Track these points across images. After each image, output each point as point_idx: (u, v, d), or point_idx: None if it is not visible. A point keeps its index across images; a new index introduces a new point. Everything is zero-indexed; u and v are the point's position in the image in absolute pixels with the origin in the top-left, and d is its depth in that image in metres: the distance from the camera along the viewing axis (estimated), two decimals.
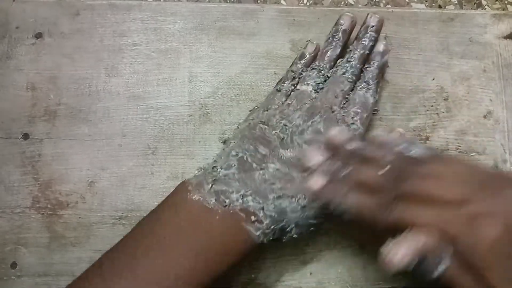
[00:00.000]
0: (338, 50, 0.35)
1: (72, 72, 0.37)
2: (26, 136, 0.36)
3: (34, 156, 0.36)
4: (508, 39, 0.39)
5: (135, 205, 0.36)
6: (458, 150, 0.37)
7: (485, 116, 0.37)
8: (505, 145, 0.37)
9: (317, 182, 0.30)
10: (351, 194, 0.28)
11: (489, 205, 0.24)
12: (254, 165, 0.31)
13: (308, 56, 0.35)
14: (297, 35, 0.38)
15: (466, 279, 0.24)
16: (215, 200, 0.29)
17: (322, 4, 0.50)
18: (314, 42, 0.36)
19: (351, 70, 0.34)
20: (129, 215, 0.35)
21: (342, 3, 0.50)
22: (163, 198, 0.35)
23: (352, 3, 0.50)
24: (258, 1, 0.48)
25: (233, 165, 0.31)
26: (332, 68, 0.35)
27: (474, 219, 0.23)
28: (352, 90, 0.34)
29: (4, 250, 0.35)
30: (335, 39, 0.35)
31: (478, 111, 0.38)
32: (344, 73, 0.34)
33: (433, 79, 0.38)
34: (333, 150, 0.31)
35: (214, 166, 0.31)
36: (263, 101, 0.36)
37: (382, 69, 0.35)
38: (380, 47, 0.35)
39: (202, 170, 0.32)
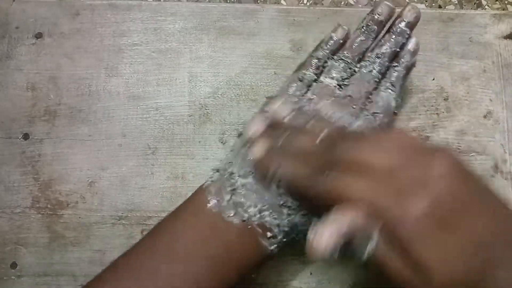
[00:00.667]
0: (370, 43, 0.33)
1: (72, 72, 0.37)
2: (26, 136, 0.36)
3: (34, 156, 0.36)
4: (508, 39, 0.39)
5: (135, 205, 0.36)
6: (458, 150, 0.37)
7: (485, 116, 0.37)
8: (505, 145, 0.37)
9: (256, 151, 0.29)
10: (287, 162, 0.27)
11: (419, 175, 0.22)
12: None
13: (336, 41, 0.33)
14: (297, 35, 0.38)
15: (393, 256, 0.23)
16: (234, 213, 0.29)
17: (322, 4, 0.50)
18: (345, 27, 0.33)
19: (378, 68, 0.32)
20: (129, 215, 0.35)
21: (342, 3, 0.50)
22: (163, 198, 0.36)
23: (352, 3, 0.50)
24: (258, 1, 0.48)
25: (250, 173, 0.30)
26: (360, 61, 0.33)
27: (402, 190, 0.22)
28: (376, 88, 0.32)
29: (4, 250, 0.35)
30: (368, 30, 0.33)
31: (478, 111, 0.38)
32: (371, 71, 0.32)
33: (433, 79, 0.38)
34: (276, 123, 0.30)
35: (232, 172, 0.30)
36: (281, 88, 0.33)
37: (410, 70, 0.33)
38: (411, 45, 0.33)
39: (218, 173, 0.31)
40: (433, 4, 0.49)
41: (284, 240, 0.30)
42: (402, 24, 0.32)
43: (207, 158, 0.36)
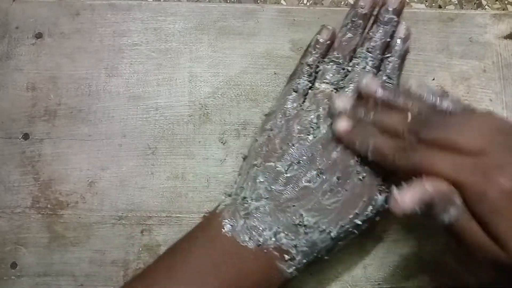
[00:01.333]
0: (358, 38, 0.32)
1: (72, 72, 0.37)
2: (26, 136, 0.36)
3: (34, 156, 0.36)
4: (508, 39, 0.39)
5: (135, 205, 0.36)
6: None
7: None
8: None
9: (343, 124, 0.29)
10: (376, 137, 0.28)
11: (503, 159, 0.24)
12: None
13: (323, 43, 0.32)
14: (297, 35, 0.38)
15: (474, 227, 0.24)
16: (249, 238, 0.28)
17: (322, 4, 0.50)
18: (329, 27, 0.33)
19: (371, 62, 0.32)
20: (129, 215, 0.35)
21: (342, 3, 0.50)
22: (163, 198, 0.36)
23: (352, 3, 0.50)
24: (258, 1, 0.48)
25: (263, 195, 0.29)
26: (352, 59, 0.32)
27: (488, 169, 0.24)
28: None
29: (4, 250, 0.35)
30: (354, 25, 0.32)
31: None
32: (364, 68, 0.32)
33: (433, 79, 0.38)
34: (364, 98, 0.30)
35: (244, 197, 0.30)
36: (278, 101, 0.33)
37: (404, 57, 0.33)
38: (401, 32, 0.32)
39: (230, 197, 0.31)
40: (433, 4, 0.49)
41: (304, 261, 0.29)
42: (388, 12, 0.32)
43: (207, 158, 0.36)
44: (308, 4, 0.50)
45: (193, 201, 0.36)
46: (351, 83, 0.31)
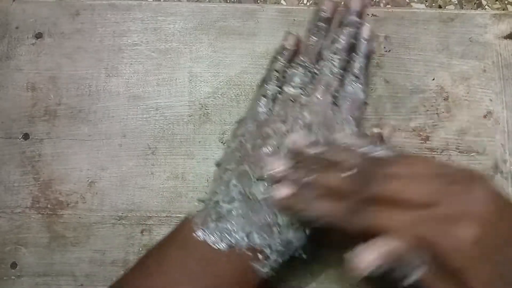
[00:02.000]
0: (323, 41, 0.33)
1: (72, 72, 0.37)
2: (26, 136, 0.36)
3: (34, 156, 0.36)
4: (508, 39, 0.39)
5: (135, 205, 0.36)
6: (458, 150, 0.37)
7: (485, 116, 0.37)
8: (505, 145, 0.37)
9: (281, 191, 0.27)
10: (318, 202, 0.26)
11: (460, 204, 0.23)
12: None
13: (289, 50, 0.33)
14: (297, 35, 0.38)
15: (445, 285, 0.23)
16: (221, 240, 0.28)
17: None
18: (294, 33, 0.34)
19: (338, 64, 0.32)
20: (129, 215, 0.35)
21: (342, 3, 0.50)
22: (163, 198, 0.36)
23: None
24: (258, 1, 0.48)
25: (236, 198, 0.29)
26: (318, 61, 0.33)
27: (448, 221, 0.22)
28: (341, 85, 0.32)
29: (4, 250, 0.35)
30: (319, 28, 0.33)
31: (478, 111, 0.37)
32: (331, 69, 0.32)
33: (433, 79, 0.38)
34: (296, 156, 0.29)
35: (217, 201, 0.30)
36: (249, 108, 0.34)
37: (370, 57, 0.33)
38: (364, 33, 0.33)
39: (203, 203, 0.31)
40: (433, 4, 0.49)
41: (280, 260, 0.29)
42: (351, 14, 0.32)
43: (207, 158, 0.36)
44: (308, 4, 0.50)
45: (193, 201, 0.36)
46: (316, 90, 0.32)
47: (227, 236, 0.28)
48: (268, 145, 0.30)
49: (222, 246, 0.28)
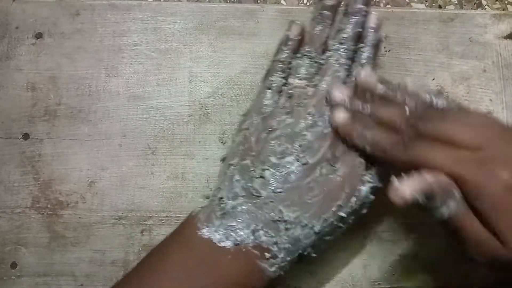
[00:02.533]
0: (327, 30, 0.32)
1: (72, 72, 0.37)
2: (26, 136, 0.36)
3: (34, 156, 0.36)
4: (508, 39, 0.39)
5: (135, 205, 0.36)
6: None
7: None
8: None
9: (340, 116, 0.29)
10: (375, 130, 0.28)
11: (503, 153, 0.24)
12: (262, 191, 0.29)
13: (294, 39, 0.32)
14: None
15: (474, 222, 0.24)
16: (226, 238, 0.27)
17: None
18: (298, 23, 0.33)
19: (345, 54, 0.31)
20: (129, 215, 0.35)
21: (342, 3, 0.50)
22: (163, 198, 0.36)
23: None
24: (258, 1, 0.48)
25: (239, 194, 0.29)
26: (324, 51, 0.32)
27: (487, 164, 0.24)
28: (348, 75, 0.32)
29: (4, 250, 0.35)
30: (323, 17, 0.32)
31: None
32: (337, 60, 0.31)
33: (433, 79, 0.38)
34: (361, 91, 0.30)
35: (221, 197, 0.29)
36: (253, 102, 0.33)
37: (377, 47, 0.33)
38: (371, 22, 0.32)
39: (208, 199, 0.30)
40: (433, 4, 0.49)
41: (288, 258, 0.28)
42: (357, 3, 0.32)
43: (207, 158, 0.36)
44: (308, 4, 0.50)
45: (193, 201, 0.36)
46: (323, 81, 0.31)
47: (232, 233, 0.28)
48: (272, 139, 0.30)
49: (228, 244, 0.27)
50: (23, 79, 0.37)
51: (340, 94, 0.30)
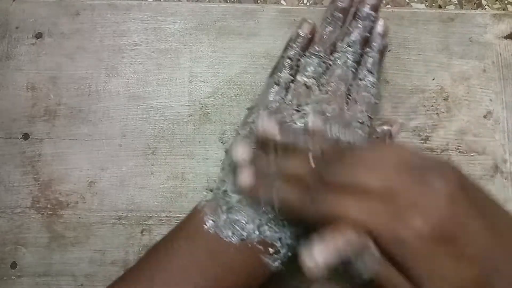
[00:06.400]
0: (338, 32, 0.32)
1: (72, 72, 0.37)
2: (26, 136, 0.36)
3: (34, 156, 0.36)
4: (508, 39, 0.39)
5: (135, 205, 0.36)
6: (458, 150, 0.37)
7: (485, 116, 0.37)
8: (505, 145, 0.37)
9: (244, 178, 0.27)
10: (280, 187, 0.26)
11: (415, 196, 0.22)
12: None
13: (304, 37, 0.32)
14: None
15: (396, 277, 0.23)
16: (232, 233, 0.28)
17: (322, 4, 0.50)
18: (310, 21, 0.33)
19: (352, 57, 0.32)
20: (129, 215, 0.35)
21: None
22: (163, 198, 0.36)
23: None
24: (258, 1, 0.48)
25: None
26: (332, 52, 0.32)
27: (400, 211, 0.22)
28: (354, 78, 0.32)
29: (4, 250, 0.35)
30: (334, 19, 0.32)
31: (478, 111, 0.38)
32: (345, 62, 0.31)
33: (433, 79, 0.38)
34: (263, 142, 0.28)
35: (225, 190, 0.29)
36: (260, 95, 0.33)
37: (383, 53, 0.33)
38: (379, 28, 0.32)
39: (212, 192, 0.31)
40: (433, 4, 0.49)
41: (290, 254, 0.29)
42: (366, 8, 0.32)
43: (207, 158, 0.36)
44: (308, 4, 0.50)
45: (193, 201, 0.36)
46: (330, 81, 0.31)
47: (239, 229, 0.28)
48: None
49: (234, 239, 0.28)
50: (23, 79, 0.37)
51: (240, 153, 0.28)
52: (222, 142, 0.37)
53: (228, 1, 0.47)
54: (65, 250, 0.35)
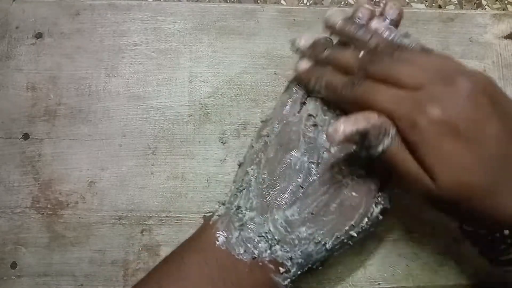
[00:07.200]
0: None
1: (72, 72, 0.37)
2: (26, 136, 0.36)
3: (34, 156, 0.36)
4: (508, 39, 0.39)
5: (135, 205, 0.36)
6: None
7: None
8: None
9: (301, 64, 0.30)
10: (329, 73, 0.29)
11: (439, 92, 0.24)
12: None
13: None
14: (297, 35, 0.38)
15: (406, 157, 0.25)
16: (244, 251, 0.28)
17: (322, 4, 0.50)
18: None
19: None
20: (129, 215, 0.35)
21: (342, 3, 0.50)
22: (163, 198, 0.36)
23: (352, 3, 0.50)
24: (258, 1, 0.48)
25: (254, 206, 0.29)
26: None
27: (421, 101, 0.24)
28: None
29: (4, 250, 0.35)
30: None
31: None
32: None
33: None
34: (330, 31, 0.30)
35: (239, 206, 0.29)
36: (276, 108, 0.32)
37: None
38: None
39: (224, 206, 0.30)
40: (433, 4, 0.49)
41: (299, 272, 0.29)
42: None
43: (207, 158, 0.36)
44: (308, 4, 0.50)
45: (193, 201, 0.36)
46: None
47: (251, 246, 0.28)
48: (292, 149, 0.29)
49: (245, 257, 0.28)
50: (23, 79, 0.37)
51: (303, 41, 0.31)
52: (222, 142, 0.37)
53: (228, 1, 0.47)
54: (65, 250, 0.35)
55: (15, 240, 0.35)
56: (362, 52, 0.28)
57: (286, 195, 0.29)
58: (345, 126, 0.25)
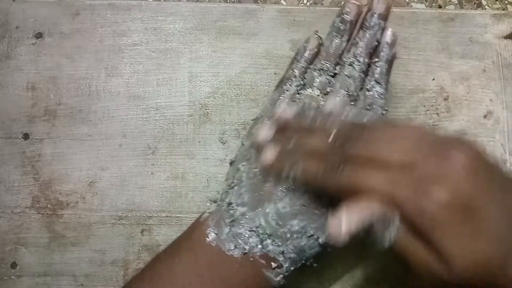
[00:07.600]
0: (344, 44, 0.32)
1: (72, 72, 0.37)
2: (26, 136, 0.36)
3: (34, 156, 0.36)
4: (508, 39, 0.39)
5: (135, 205, 0.36)
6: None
7: (485, 116, 0.37)
8: (505, 145, 0.37)
9: (267, 155, 0.28)
10: (301, 161, 0.27)
11: (436, 168, 0.23)
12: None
13: (311, 51, 0.32)
14: (297, 35, 0.38)
15: (416, 245, 0.23)
16: (234, 246, 0.28)
17: (322, 4, 0.50)
18: (316, 36, 0.33)
19: (359, 67, 0.31)
20: (129, 215, 0.35)
21: (342, 3, 0.50)
22: (163, 198, 0.36)
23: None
24: (258, 1, 0.48)
25: (246, 201, 0.29)
26: (339, 64, 0.32)
27: (422, 182, 0.23)
28: (361, 88, 0.31)
29: (4, 250, 0.35)
30: (340, 32, 0.32)
31: (478, 111, 0.38)
32: (350, 72, 0.31)
33: (433, 79, 0.38)
34: (283, 125, 0.29)
35: (230, 203, 0.29)
36: (265, 106, 0.33)
37: (392, 62, 0.32)
38: (387, 37, 0.31)
39: (215, 204, 0.30)
40: (433, 4, 0.49)
41: (292, 268, 0.28)
42: (374, 18, 0.31)
43: (207, 158, 0.36)
44: (308, 4, 0.50)
45: (193, 201, 0.36)
46: (335, 93, 0.31)
47: (241, 242, 0.28)
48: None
49: (236, 252, 0.28)
50: (23, 79, 0.37)
51: (263, 133, 0.29)
52: (222, 142, 0.37)
53: (228, 1, 0.47)
54: (65, 250, 0.35)
55: (15, 240, 0.35)
56: (331, 137, 0.26)
57: (278, 187, 0.28)
58: (348, 218, 0.23)
